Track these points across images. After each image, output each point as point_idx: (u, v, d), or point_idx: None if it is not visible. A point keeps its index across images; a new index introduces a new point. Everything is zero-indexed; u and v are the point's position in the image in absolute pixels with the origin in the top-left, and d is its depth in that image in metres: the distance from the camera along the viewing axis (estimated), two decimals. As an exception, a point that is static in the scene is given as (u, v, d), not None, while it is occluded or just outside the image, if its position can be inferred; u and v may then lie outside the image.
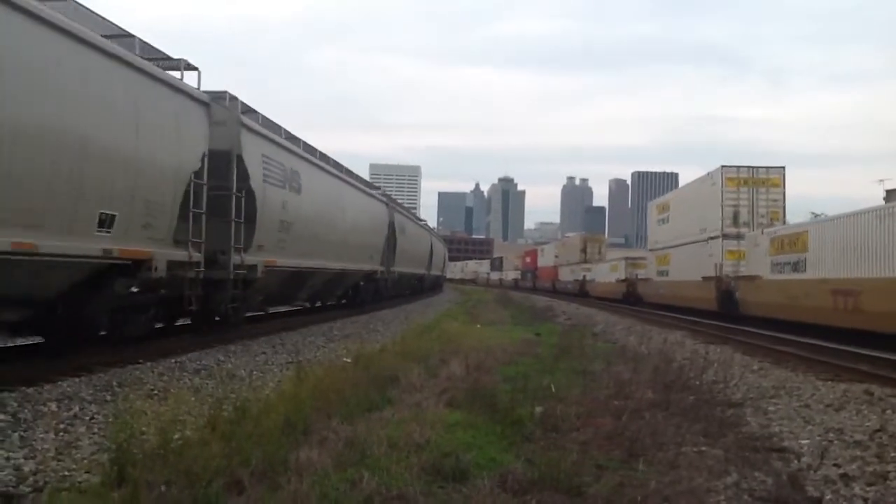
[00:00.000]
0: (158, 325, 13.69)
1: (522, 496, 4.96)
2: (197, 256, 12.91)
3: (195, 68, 13.61)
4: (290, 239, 17.38)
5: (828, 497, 5.52)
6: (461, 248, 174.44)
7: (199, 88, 13.58)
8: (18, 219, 8.70)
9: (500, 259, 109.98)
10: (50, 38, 9.09)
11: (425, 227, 54.98)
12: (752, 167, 25.99)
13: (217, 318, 14.80)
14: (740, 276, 23.57)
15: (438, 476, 5.27)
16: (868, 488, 5.71)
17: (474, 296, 51.36)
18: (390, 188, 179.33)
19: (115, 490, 4.66)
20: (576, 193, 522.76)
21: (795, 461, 6.51)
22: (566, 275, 57.91)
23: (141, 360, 11.17)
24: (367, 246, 27.00)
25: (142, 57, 11.70)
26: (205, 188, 13.10)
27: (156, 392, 8.90)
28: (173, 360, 11.57)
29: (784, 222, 24.16)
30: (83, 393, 8.63)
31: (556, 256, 66.17)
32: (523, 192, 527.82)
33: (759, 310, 21.70)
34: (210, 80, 15.03)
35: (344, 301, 27.91)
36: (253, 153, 15.19)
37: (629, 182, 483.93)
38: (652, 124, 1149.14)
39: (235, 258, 14.32)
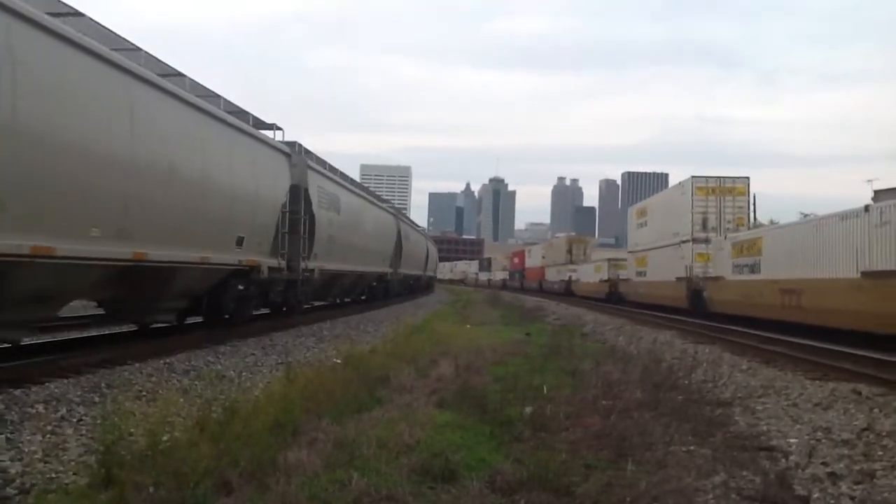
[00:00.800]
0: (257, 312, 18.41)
1: (511, 496, 4.97)
2: (283, 263, 17.72)
3: (280, 129, 19.21)
4: (333, 249, 22.38)
5: (815, 496, 5.55)
6: (452, 248, 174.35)
7: (282, 141, 19.05)
8: (200, 242, 13.30)
9: (489, 260, 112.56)
10: (223, 130, 14.68)
11: (423, 233, 59.89)
12: (720, 177, 28.09)
13: (285, 308, 19.65)
14: (707, 277, 25.66)
15: (428, 476, 5.27)
16: (855, 487, 5.75)
17: (464, 296, 51.41)
18: (381, 189, 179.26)
19: (103, 492, 4.65)
20: (566, 194, 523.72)
21: (783, 460, 6.54)
22: (553, 275, 59.78)
23: (129, 361, 11.14)
24: (381, 252, 32.55)
25: (252, 125, 17.12)
26: (287, 214, 18.00)
27: (144, 393, 8.85)
28: (162, 361, 11.52)
29: (749, 227, 26.24)
30: (71, 394, 8.58)
31: (543, 257, 68.06)
32: (514, 193, 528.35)
33: (723, 307, 23.73)
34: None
35: (363, 297, 32.44)
36: (313, 186, 20.27)
37: (619, 182, 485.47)
38: (643, 124, 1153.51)
39: (302, 263, 19.04)
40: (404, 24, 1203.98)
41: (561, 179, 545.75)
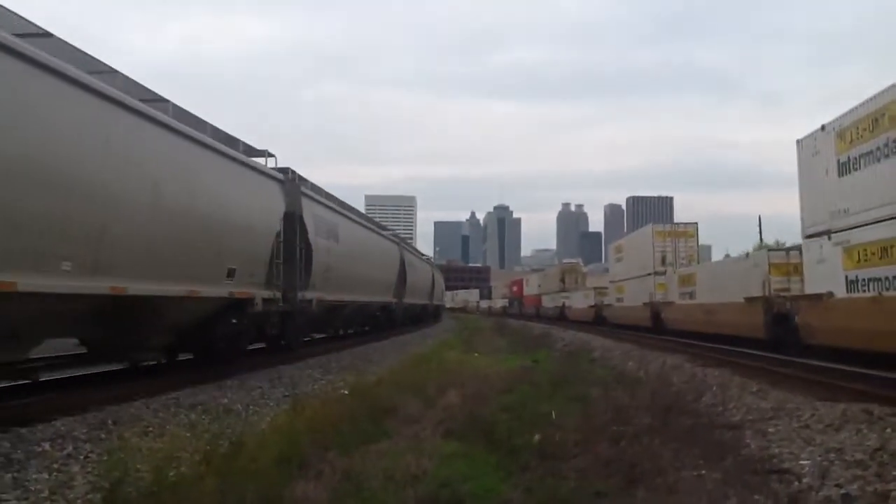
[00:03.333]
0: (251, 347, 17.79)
1: (520, 525, 4.92)
2: (278, 295, 16.97)
3: (273, 155, 18.45)
4: (331, 278, 21.42)
5: (829, 518, 5.48)
6: (458, 276, 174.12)
7: (275, 168, 18.34)
8: (187, 274, 12.66)
9: (489, 288, 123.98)
10: (211, 157, 14.22)
11: (427, 262, 59.62)
12: (674, 224, 37.44)
13: (283, 342, 19.07)
14: (664, 302, 31.88)
15: (435, 507, 5.23)
16: (869, 508, 5.67)
17: (471, 324, 51.66)
18: (386, 219, 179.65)
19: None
20: (571, 219, 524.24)
21: (796, 482, 6.46)
22: (548, 302, 65.90)
23: (136, 397, 11.10)
24: (384, 281, 31.98)
25: (242, 152, 16.57)
26: (282, 244, 17.26)
27: (151, 429, 8.82)
28: (169, 397, 11.49)
29: (698, 262, 33.60)
30: (77, 431, 8.55)
31: (540, 286, 73.57)
32: (519, 220, 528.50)
33: (674, 325, 29.85)
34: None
35: (367, 328, 31.94)
36: (308, 214, 19.49)
37: (624, 207, 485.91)
38: (646, 149, 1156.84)
39: (299, 294, 18.36)
40: (405, 56, 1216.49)
41: (566, 205, 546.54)
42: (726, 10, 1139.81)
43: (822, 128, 16.31)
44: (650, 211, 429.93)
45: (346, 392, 11.22)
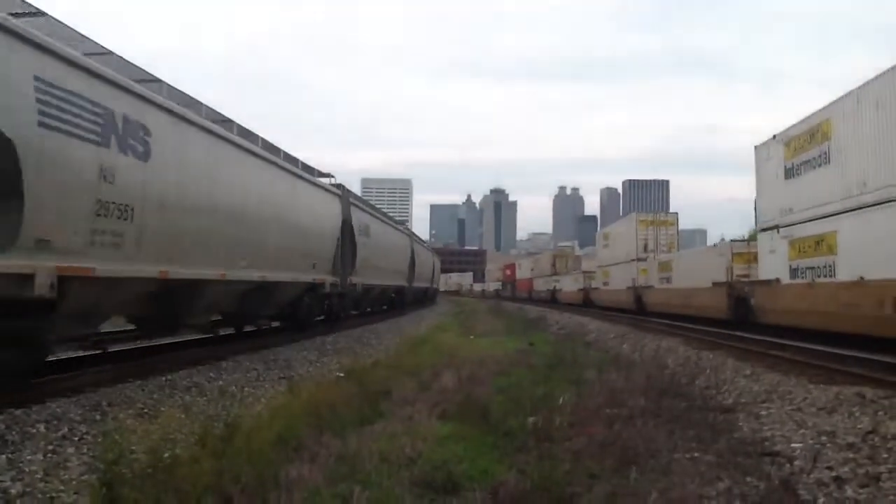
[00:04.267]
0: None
1: (514, 507, 4.94)
2: (337, 280, 22.59)
3: (333, 176, 24.72)
4: (367, 267, 27.38)
5: (821, 500, 5.52)
6: (454, 259, 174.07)
7: (333, 184, 24.01)
8: (292, 266, 18.17)
9: (483, 272, 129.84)
10: (302, 184, 19.76)
11: (429, 249, 58.88)
12: (656, 213, 40.92)
13: (340, 314, 24.27)
14: (645, 286, 34.49)
15: (430, 489, 5.25)
16: (861, 490, 5.72)
17: (467, 307, 52.13)
18: (382, 202, 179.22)
19: (104, 510, 4.62)
20: (567, 203, 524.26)
21: (788, 465, 6.51)
22: (540, 285, 69.37)
23: (131, 379, 11.10)
24: (399, 268, 38.49)
25: (314, 175, 22.55)
26: (339, 242, 22.66)
27: (146, 410, 8.83)
28: (164, 379, 11.49)
29: (677, 249, 36.53)
30: (72, 413, 8.55)
31: (532, 270, 77.67)
32: (515, 203, 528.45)
33: (654, 307, 32.71)
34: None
35: (384, 307, 38.17)
36: (355, 218, 25.61)
37: (620, 191, 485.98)
38: (643, 132, 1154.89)
39: (349, 279, 24.25)
40: (403, 39, 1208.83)
41: (562, 189, 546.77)
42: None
43: (774, 137, 19.13)
44: (647, 194, 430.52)
45: (342, 374, 11.23)
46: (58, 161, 8.72)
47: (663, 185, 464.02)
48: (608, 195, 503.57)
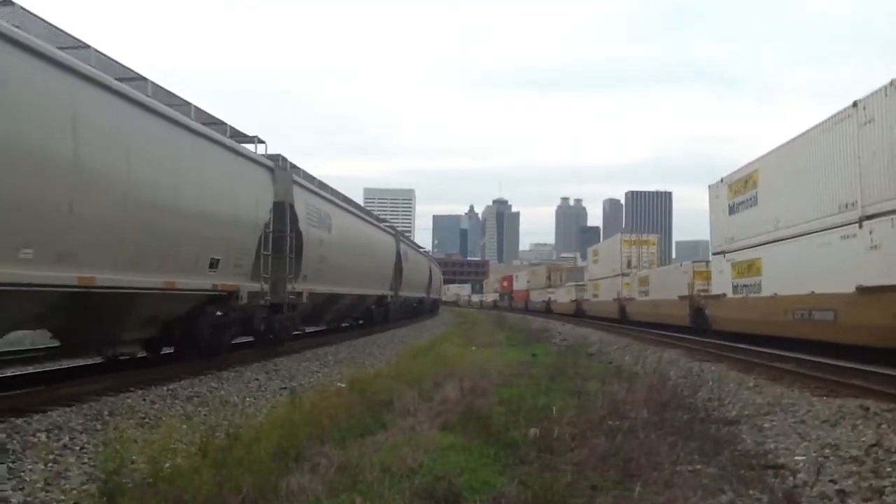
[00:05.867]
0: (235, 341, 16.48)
1: (516, 519, 4.91)
2: (266, 287, 16.19)
3: (263, 141, 17.54)
4: (324, 269, 20.90)
5: (824, 514, 5.48)
6: (456, 270, 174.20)
7: (265, 154, 17.41)
8: (164, 265, 11.97)
9: (481, 283, 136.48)
10: (193, 140, 13.22)
11: (425, 255, 59.45)
12: (638, 234, 47.75)
13: (271, 336, 17.81)
14: (627, 298, 39.49)
15: (431, 500, 5.22)
16: (864, 504, 5.68)
17: (469, 318, 52.17)
18: (385, 212, 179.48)
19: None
20: (570, 214, 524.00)
21: (791, 478, 6.47)
22: (536, 297, 74.74)
23: (132, 388, 11.10)
24: (380, 274, 31.30)
25: (229, 137, 15.53)
26: (271, 234, 16.49)
27: (147, 420, 8.83)
28: (165, 388, 11.49)
29: (657, 266, 40.11)
30: (73, 423, 8.55)
31: (528, 282, 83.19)
32: (518, 214, 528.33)
33: (635, 317, 37.31)
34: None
35: (361, 322, 31.46)
36: (300, 202, 18.75)
37: (623, 202, 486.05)
38: (645, 144, 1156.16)
39: (288, 286, 17.58)
40: (406, 50, 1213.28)
41: (565, 200, 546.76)
42: (726, 4, 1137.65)
43: (721, 180, 23.81)
44: (649, 205, 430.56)
45: (344, 385, 11.21)
46: None
47: (666, 197, 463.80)
48: (611, 206, 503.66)
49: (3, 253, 8.42)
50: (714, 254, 24.50)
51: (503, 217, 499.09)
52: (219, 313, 14.41)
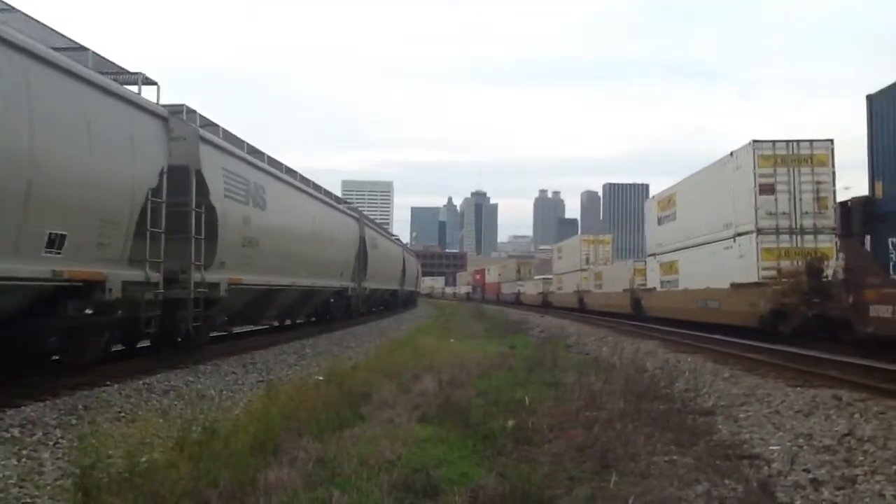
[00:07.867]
0: (118, 348, 13.54)
1: (494, 510, 4.93)
2: (155, 276, 12.37)
3: (154, 82, 13.37)
4: (255, 256, 17.04)
5: (797, 502, 5.56)
6: (435, 262, 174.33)
7: (157, 103, 13.26)
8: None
9: (455, 276, 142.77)
10: (65, 83, 9.89)
11: (398, 243, 56.91)
12: (596, 234, 57.84)
13: (179, 339, 14.16)
14: (585, 290, 46.16)
15: (409, 492, 5.22)
16: (837, 492, 5.77)
17: (447, 310, 52.36)
18: (363, 204, 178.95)
19: (79, 516, 4.56)
20: (548, 206, 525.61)
21: (766, 467, 6.55)
22: (506, 289, 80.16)
23: (108, 383, 10.98)
24: (337, 262, 26.95)
25: (96, 71, 11.41)
26: (163, 206, 12.56)
27: (123, 414, 8.75)
28: (141, 382, 11.39)
29: (611, 263, 46.98)
30: (47, 417, 8.45)
31: (500, 275, 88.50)
32: (496, 206, 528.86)
33: (592, 307, 43.07)
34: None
35: (313, 319, 27.59)
36: (213, 167, 14.82)
37: (600, 194, 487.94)
38: (623, 136, 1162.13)
39: (196, 276, 13.91)
40: (384, 43, 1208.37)
41: (543, 192, 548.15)
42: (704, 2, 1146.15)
43: (653, 197, 31.80)
44: (626, 197, 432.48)
45: (321, 378, 11.18)
46: None
47: (642, 189, 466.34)
48: (588, 198, 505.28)
49: None
50: (648, 255, 31.58)
51: (482, 209, 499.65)
52: (88, 311, 11.09)
